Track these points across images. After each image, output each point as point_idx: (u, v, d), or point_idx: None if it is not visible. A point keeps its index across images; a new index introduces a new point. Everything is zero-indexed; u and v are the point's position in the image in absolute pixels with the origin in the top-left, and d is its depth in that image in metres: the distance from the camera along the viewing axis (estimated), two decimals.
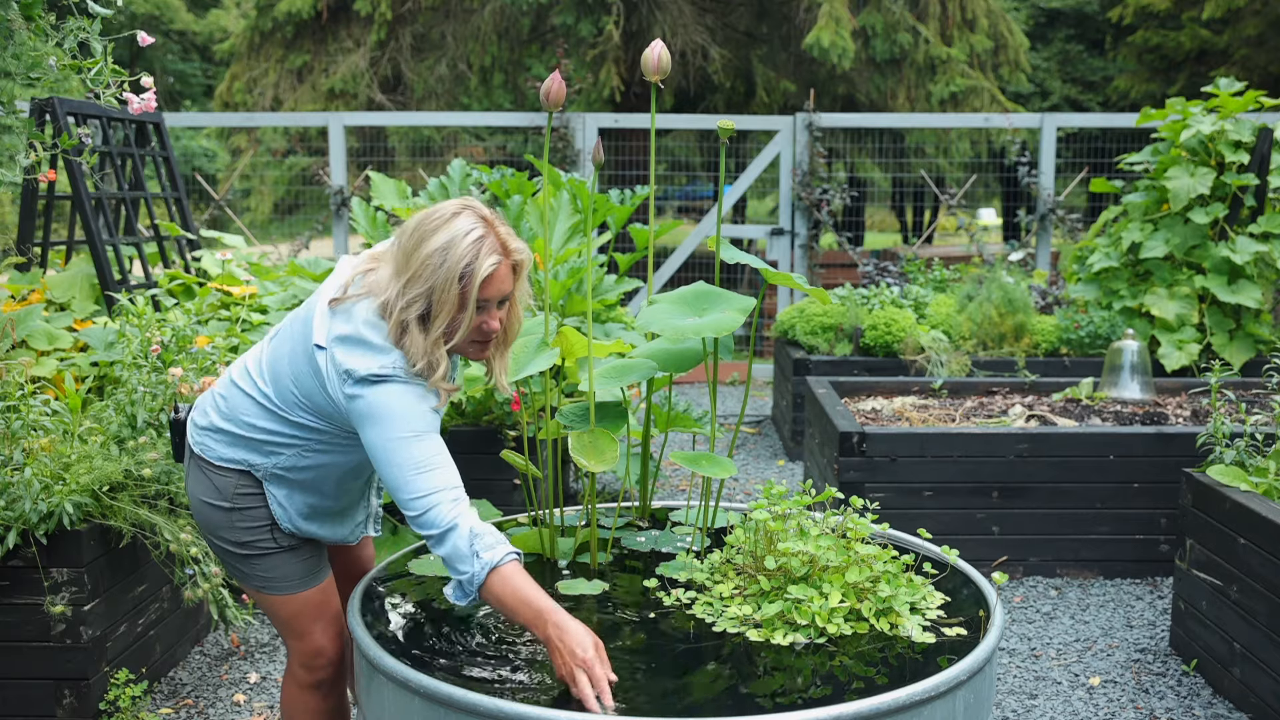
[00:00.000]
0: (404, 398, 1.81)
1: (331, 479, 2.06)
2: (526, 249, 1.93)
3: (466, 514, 1.76)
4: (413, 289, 1.82)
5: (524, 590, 1.69)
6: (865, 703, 1.52)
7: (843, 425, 3.98)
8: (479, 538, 1.72)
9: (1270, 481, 3.20)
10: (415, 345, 1.84)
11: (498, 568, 1.70)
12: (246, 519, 2.04)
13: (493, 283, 1.85)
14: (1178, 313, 5.67)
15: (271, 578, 2.08)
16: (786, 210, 8.24)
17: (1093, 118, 8.83)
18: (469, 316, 1.85)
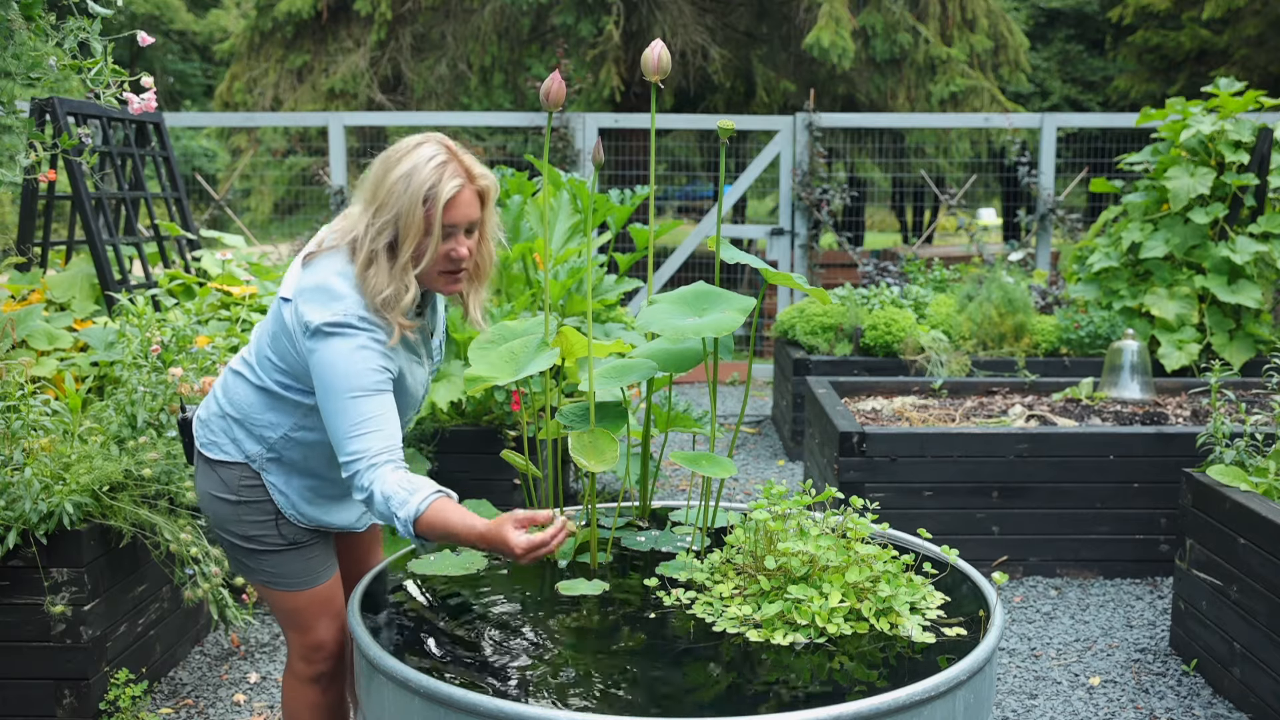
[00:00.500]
0: (353, 354, 1.85)
1: (324, 458, 2.06)
2: (492, 177, 1.98)
3: (382, 476, 1.81)
4: (380, 217, 1.88)
5: (449, 528, 1.78)
6: (865, 703, 1.52)
7: (843, 425, 3.98)
8: (391, 499, 1.78)
9: (1270, 481, 3.20)
10: (381, 274, 1.88)
11: (418, 519, 1.78)
12: (252, 512, 2.06)
13: (457, 207, 1.89)
14: (1178, 313, 5.67)
15: (277, 574, 2.11)
16: (786, 210, 8.24)
17: (1093, 118, 8.83)
18: (434, 241, 1.88)
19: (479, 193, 1.94)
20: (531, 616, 1.92)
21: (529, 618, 1.91)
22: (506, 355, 2.14)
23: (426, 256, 1.89)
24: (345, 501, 2.16)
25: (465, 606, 1.97)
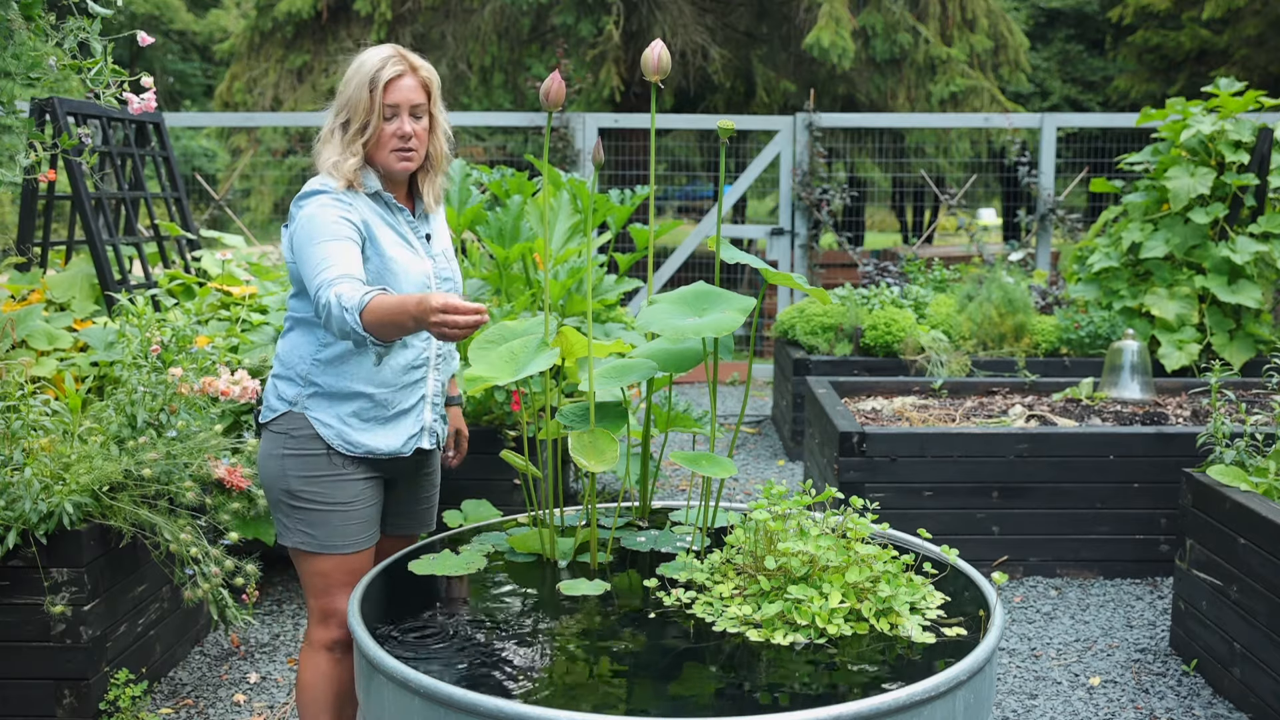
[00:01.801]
0: (315, 211, 2.12)
1: (357, 370, 2.23)
2: (434, 73, 2.29)
3: (337, 288, 1.99)
4: (337, 103, 2.25)
5: (386, 308, 1.92)
6: (865, 703, 1.52)
7: (843, 425, 3.98)
8: (342, 297, 1.96)
9: (1270, 481, 3.20)
10: (334, 147, 2.21)
11: (363, 309, 1.94)
12: (300, 465, 2.22)
13: (398, 89, 2.20)
14: (1178, 313, 5.67)
15: (313, 535, 2.24)
16: (786, 210, 8.24)
17: (1093, 118, 8.83)
18: (377, 117, 2.19)
19: (422, 83, 2.24)
20: (531, 616, 1.92)
21: (529, 618, 1.91)
22: (506, 355, 2.14)
23: (370, 128, 2.19)
24: (393, 424, 2.28)
25: (465, 606, 1.97)
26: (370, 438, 2.25)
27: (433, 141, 2.30)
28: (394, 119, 2.21)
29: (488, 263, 4.65)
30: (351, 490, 2.25)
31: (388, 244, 2.23)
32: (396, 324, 1.93)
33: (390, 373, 2.28)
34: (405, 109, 2.21)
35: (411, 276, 2.24)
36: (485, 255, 4.74)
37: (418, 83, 2.23)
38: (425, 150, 2.29)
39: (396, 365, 2.28)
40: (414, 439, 2.32)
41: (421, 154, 2.27)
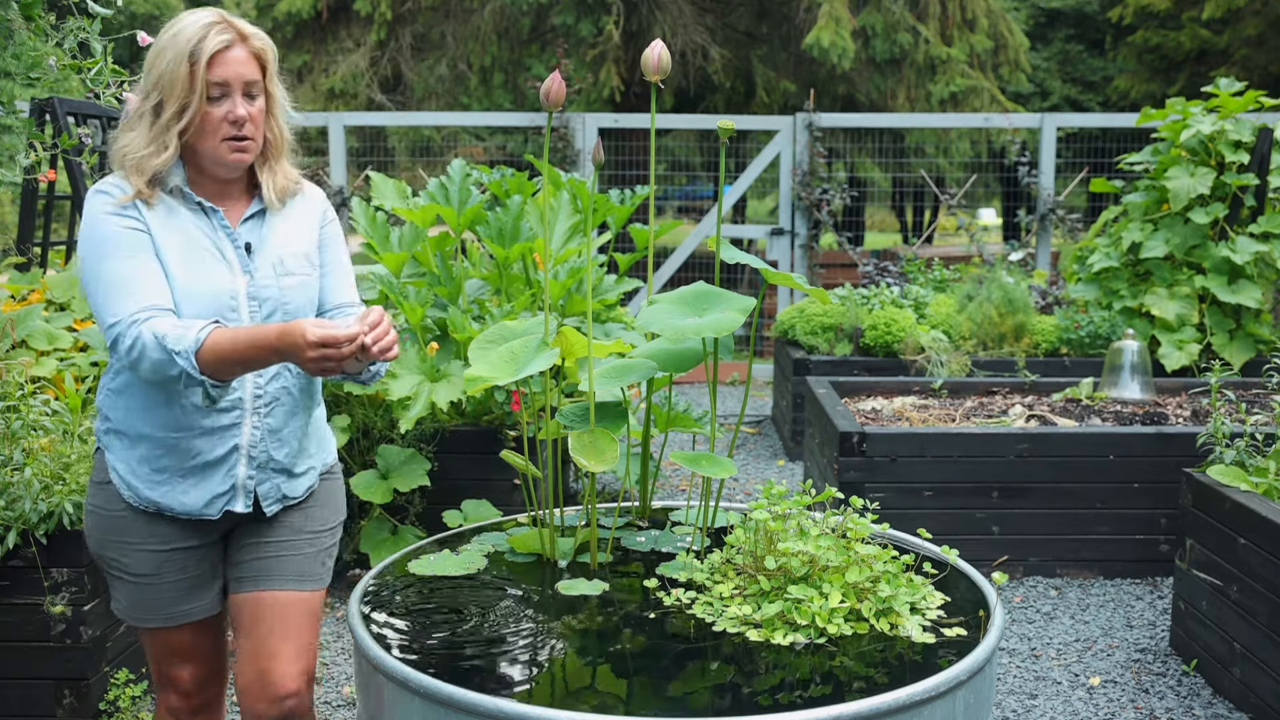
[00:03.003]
0: (100, 212, 1.79)
1: (140, 405, 1.87)
2: (269, 42, 1.90)
3: (149, 325, 1.72)
4: (148, 80, 1.81)
5: (236, 345, 1.72)
6: (865, 703, 1.52)
7: (843, 425, 3.98)
8: (166, 336, 1.70)
9: (1270, 481, 3.20)
10: (141, 135, 1.81)
11: (200, 349, 1.71)
12: (100, 526, 1.93)
13: (226, 64, 1.80)
14: (1178, 313, 5.67)
15: (122, 603, 1.96)
16: (786, 210, 8.24)
17: (1093, 118, 8.83)
18: (199, 98, 1.78)
19: (255, 54, 1.85)
20: (531, 616, 1.92)
21: (529, 617, 1.91)
22: (506, 355, 2.14)
23: (189, 112, 1.79)
24: (192, 476, 1.89)
25: (465, 606, 1.97)
26: (161, 494, 1.88)
27: (270, 124, 1.91)
28: (222, 100, 1.81)
29: (488, 263, 4.66)
30: (152, 562, 1.92)
31: (173, 253, 1.83)
32: (247, 362, 1.71)
33: (185, 412, 1.86)
34: (237, 87, 1.81)
35: (200, 296, 1.83)
36: (485, 255, 4.74)
37: (248, 54, 1.83)
38: (262, 134, 1.89)
39: (193, 404, 1.86)
40: (222, 500, 1.93)
41: (259, 141, 1.89)
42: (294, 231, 1.98)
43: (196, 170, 1.89)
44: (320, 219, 2.04)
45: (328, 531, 2.09)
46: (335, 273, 2.04)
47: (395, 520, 3.89)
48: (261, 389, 1.91)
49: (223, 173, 1.89)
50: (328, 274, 2.03)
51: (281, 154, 1.97)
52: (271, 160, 1.95)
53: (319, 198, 2.07)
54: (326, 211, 2.08)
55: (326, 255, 2.04)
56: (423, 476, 3.75)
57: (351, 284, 2.07)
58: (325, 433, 2.13)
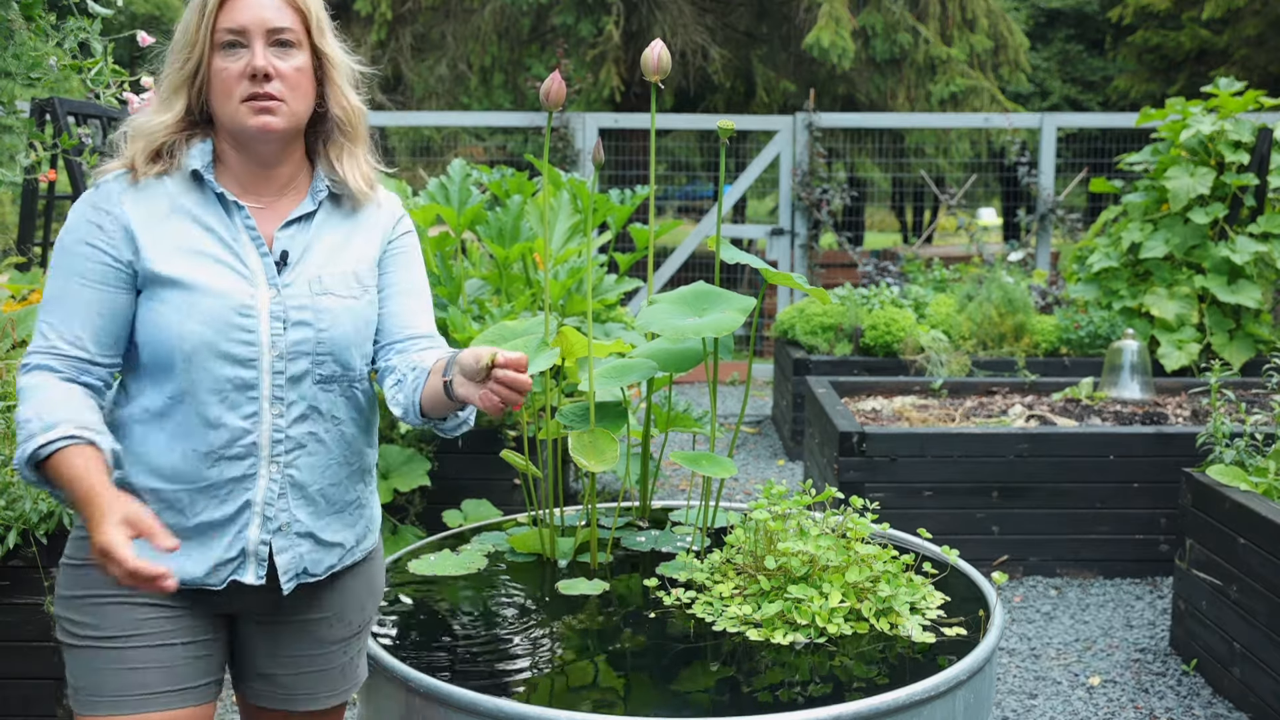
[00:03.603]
0: (74, 215, 1.50)
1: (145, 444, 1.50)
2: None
3: (25, 387, 1.43)
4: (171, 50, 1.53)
5: (68, 479, 1.36)
6: (865, 702, 1.52)
7: (843, 425, 3.98)
8: (22, 426, 1.39)
9: (1270, 481, 3.20)
10: (153, 105, 1.53)
11: (37, 459, 1.37)
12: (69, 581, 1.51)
13: (242, 6, 1.47)
14: (1177, 313, 5.68)
15: (74, 687, 1.50)
16: (786, 210, 8.24)
17: (1093, 118, 8.84)
18: (203, 45, 1.47)
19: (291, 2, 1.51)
20: (532, 616, 1.92)
21: (529, 617, 1.91)
22: None
23: (193, 62, 1.48)
24: (194, 537, 1.51)
25: (465, 606, 1.97)
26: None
27: (331, 94, 1.56)
28: (239, 51, 1.47)
29: (488, 263, 4.66)
30: (128, 618, 1.48)
31: (161, 256, 1.47)
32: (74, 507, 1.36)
33: (185, 460, 1.49)
34: (258, 34, 1.47)
35: (197, 313, 1.46)
36: (485, 255, 4.75)
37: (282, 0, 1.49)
38: (305, 101, 1.52)
39: (194, 450, 1.49)
40: (229, 568, 1.52)
41: (298, 106, 1.51)
42: (348, 243, 1.60)
43: (232, 150, 1.53)
44: (389, 232, 1.66)
45: (359, 634, 1.70)
46: (403, 296, 1.65)
47: (395, 520, 3.89)
48: (282, 431, 1.52)
49: (261, 149, 1.52)
50: (393, 297, 1.64)
51: (358, 137, 1.60)
52: (341, 142, 1.59)
53: (393, 206, 1.69)
54: (400, 223, 1.69)
55: (393, 276, 1.65)
56: (423, 476, 3.75)
57: (426, 310, 1.68)
58: (370, 501, 1.70)
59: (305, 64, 1.53)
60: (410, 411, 1.57)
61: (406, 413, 1.57)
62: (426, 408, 1.55)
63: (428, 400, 1.54)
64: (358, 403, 1.63)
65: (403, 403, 1.58)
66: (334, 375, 1.57)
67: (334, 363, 1.56)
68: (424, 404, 1.55)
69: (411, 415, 1.57)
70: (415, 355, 1.61)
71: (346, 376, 1.59)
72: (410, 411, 1.57)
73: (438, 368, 1.53)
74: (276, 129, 1.50)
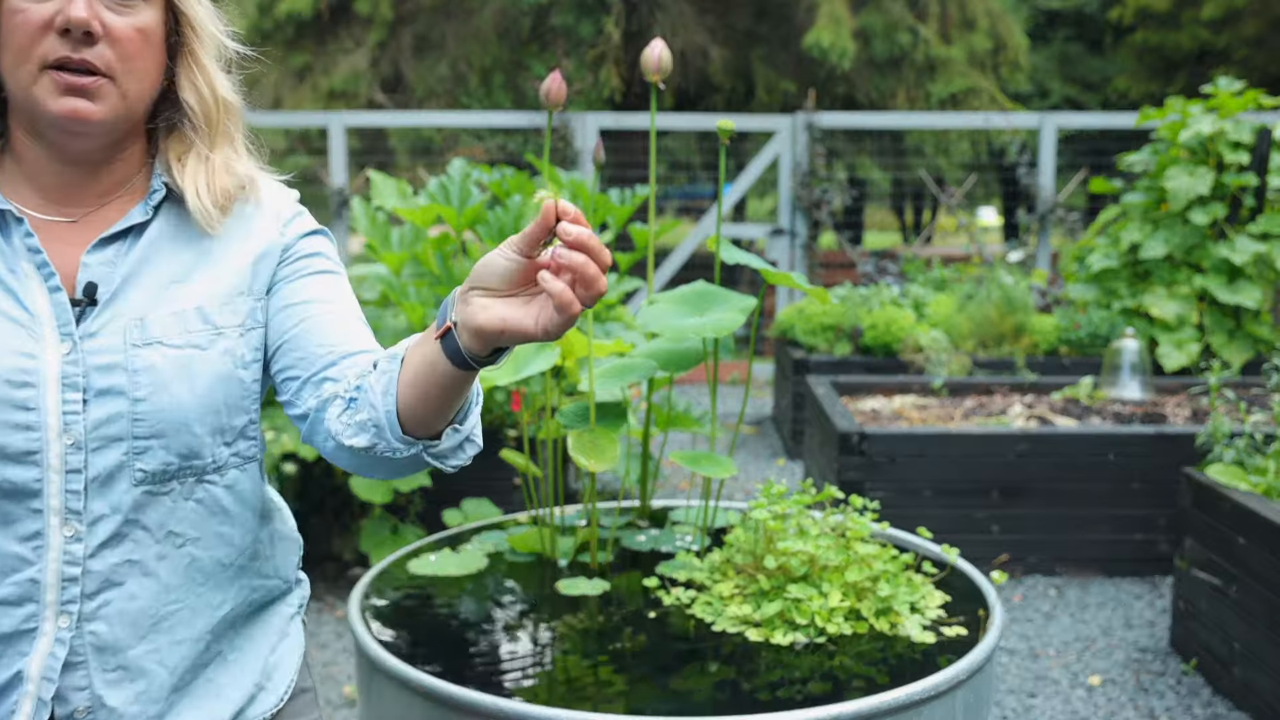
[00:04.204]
0: None
1: None
2: None
3: None
4: None
5: None
6: (865, 702, 1.52)
7: (843, 425, 3.99)
8: None
9: (1270, 481, 3.21)
10: None
11: None
12: None
13: None
14: (1177, 313, 5.68)
15: None
16: (786, 210, 8.24)
17: (1093, 118, 8.84)
18: None
19: None
20: (531, 616, 1.92)
21: (529, 617, 1.92)
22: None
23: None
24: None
25: (465, 605, 1.98)
26: None
27: (186, 68, 1.08)
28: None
29: None
30: None
31: None
32: None
33: None
34: None
35: None
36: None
37: None
38: (145, 78, 1.04)
39: None
40: None
41: (134, 85, 1.03)
42: (199, 266, 1.11)
43: (27, 138, 1.05)
44: (276, 240, 1.15)
45: None
46: (321, 314, 1.13)
47: (395, 519, 3.89)
48: (79, 564, 1.02)
49: (70, 145, 1.05)
50: (308, 316, 1.13)
51: (217, 137, 1.11)
52: (189, 140, 1.11)
53: (281, 204, 1.18)
54: (293, 224, 1.18)
55: (297, 294, 1.14)
56: (423, 476, 3.75)
57: (361, 327, 1.15)
58: (270, 656, 1.21)
59: (152, 24, 1.04)
60: (385, 432, 1.01)
61: (375, 441, 1.02)
62: (414, 412, 1.00)
63: (413, 395, 0.99)
64: (219, 505, 1.11)
65: (362, 426, 1.02)
66: (169, 470, 1.06)
67: (167, 450, 1.05)
68: (406, 407, 1.00)
69: (387, 437, 1.01)
70: (363, 362, 1.09)
71: (191, 469, 1.08)
72: (385, 432, 1.01)
73: (414, 342, 1.02)
74: (94, 118, 1.01)
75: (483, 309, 0.92)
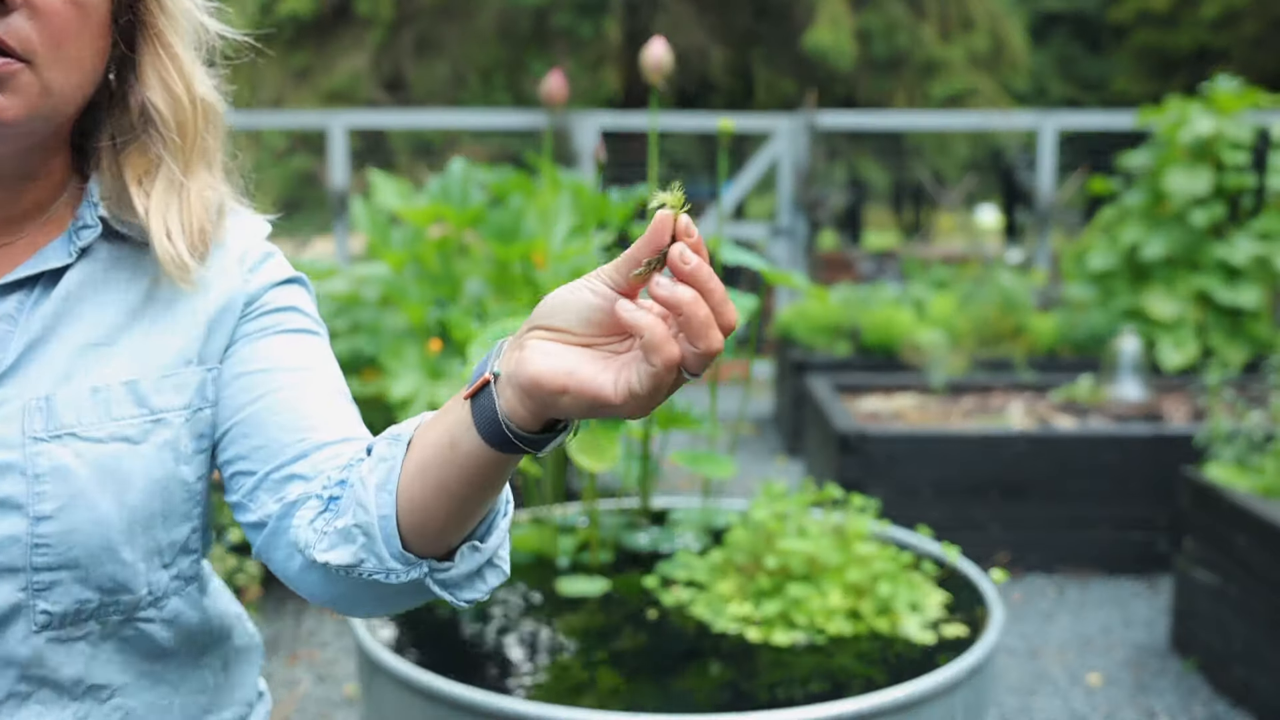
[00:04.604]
0: None
1: None
2: None
3: None
4: None
5: None
6: (865, 701, 1.53)
7: (842, 425, 3.99)
8: None
9: (1268, 480, 3.21)
10: None
11: None
12: None
13: None
14: (1176, 313, 5.68)
15: None
16: (786, 210, 8.25)
17: (1092, 118, 8.84)
18: None
19: None
20: (532, 615, 1.93)
21: (529, 616, 1.92)
22: None
23: None
24: None
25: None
26: None
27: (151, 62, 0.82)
28: None
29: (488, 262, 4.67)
30: None
31: None
32: None
33: None
34: None
35: None
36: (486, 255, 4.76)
37: None
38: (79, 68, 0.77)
39: None
40: None
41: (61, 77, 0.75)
42: (133, 326, 0.84)
43: None
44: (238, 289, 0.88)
45: None
46: (291, 385, 0.85)
47: None
48: None
49: None
50: (273, 390, 0.85)
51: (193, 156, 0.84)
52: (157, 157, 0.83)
53: (246, 241, 0.92)
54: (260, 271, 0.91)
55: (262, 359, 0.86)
56: None
57: (341, 405, 0.87)
58: None
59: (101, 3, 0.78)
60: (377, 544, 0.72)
61: (362, 557, 0.72)
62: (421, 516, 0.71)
63: (422, 491, 0.71)
64: (155, 645, 0.85)
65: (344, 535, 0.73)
66: (85, 609, 0.79)
67: (83, 584, 0.78)
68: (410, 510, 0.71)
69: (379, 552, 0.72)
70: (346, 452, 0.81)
71: (118, 606, 0.81)
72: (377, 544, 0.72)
73: (429, 418, 0.74)
74: (3, 117, 0.73)
75: (543, 354, 0.66)
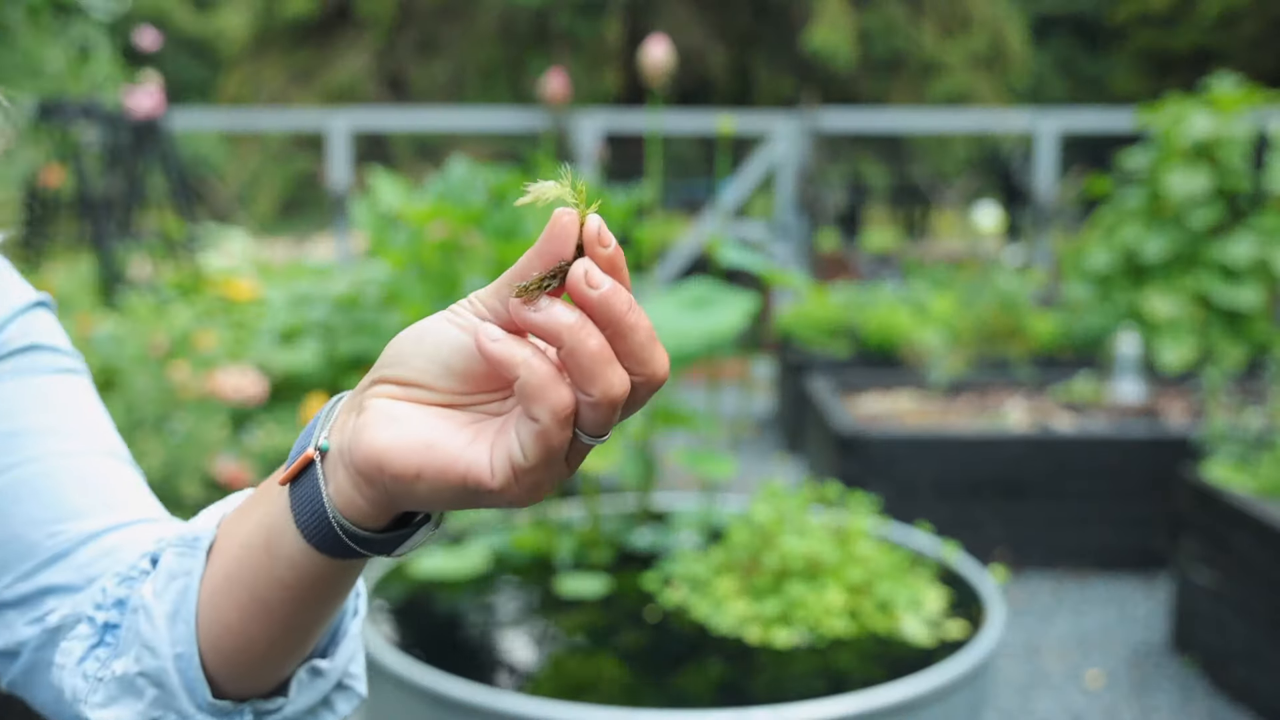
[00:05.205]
0: None
1: None
2: None
3: None
4: None
5: None
6: (865, 700, 1.53)
7: (842, 425, 4.00)
8: None
9: (1267, 480, 3.22)
10: None
11: None
12: None
13: None
14: (1175, 313, 5.69)
15: None
16: (786, 210, 8.25)
17: (1090, 118, 8.85)
18: None
19: None
20: (532, 615, 1.93)
21: (529, 616, 1.93)
22: None
23: None
24: None
25: (466, 604, 1.99)
26: None
27: None
28: None
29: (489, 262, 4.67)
30: None
31: None
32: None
33: None
34: None
35: None
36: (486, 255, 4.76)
37: None
38: None
39: None
40: None
41: None
42: None
43: None
44: None
45: None
46: (43, 462, 0.63)
47: None
48: None
49: None
50: (18, 469, 0.63)
51: None
52: None
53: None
54: (12, 327, 0.68)
55: None
56: None
57: (114, 471, 0.66)
58: None
59: None
60: (177, 697, 0.55)
61: (156, 714, 0.56)
62: (232, 646, 0.55)
63: (231, 613, 0.54)
64: None
65: (126, 686, 0.56)
66: None
67: None
68: (217, 640, 0.55)
69: (181, 705, 0.56)
70: (127, 546, 0.63)
71: None
72: (177, 697, 0.55)
73: (236, 502, 0.59)
74: None
75: (388, 421, 0.47)
